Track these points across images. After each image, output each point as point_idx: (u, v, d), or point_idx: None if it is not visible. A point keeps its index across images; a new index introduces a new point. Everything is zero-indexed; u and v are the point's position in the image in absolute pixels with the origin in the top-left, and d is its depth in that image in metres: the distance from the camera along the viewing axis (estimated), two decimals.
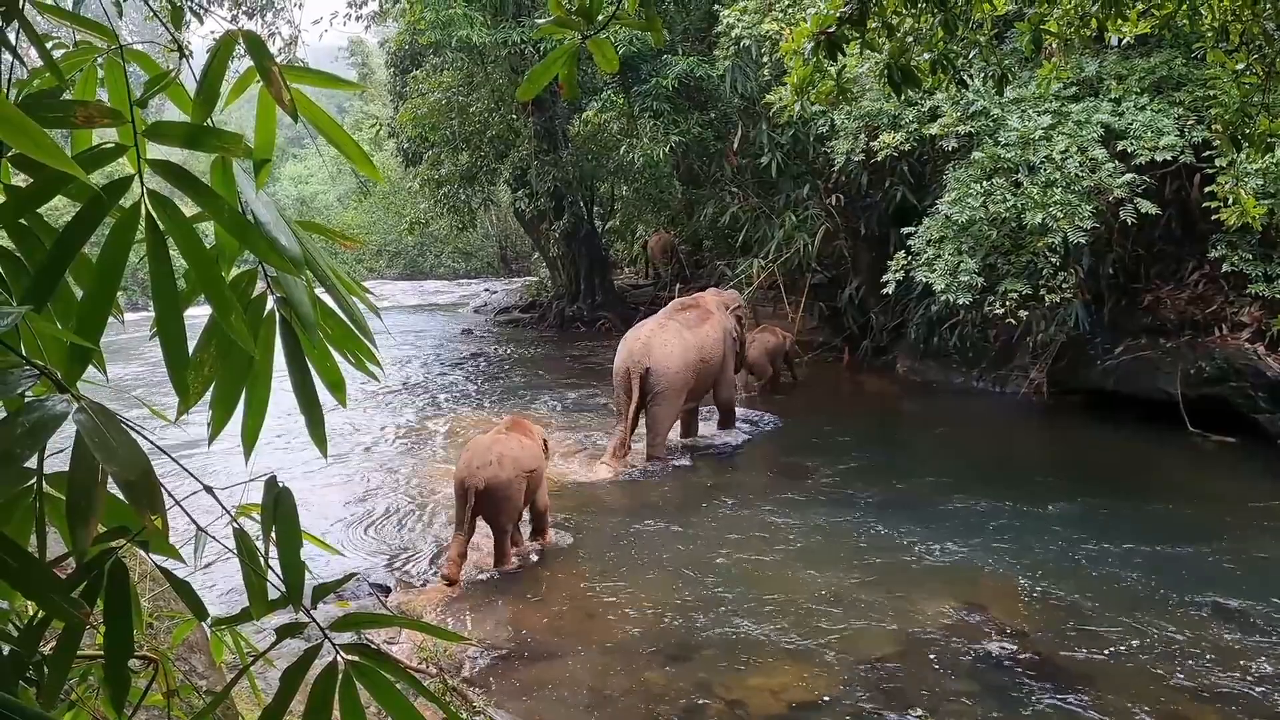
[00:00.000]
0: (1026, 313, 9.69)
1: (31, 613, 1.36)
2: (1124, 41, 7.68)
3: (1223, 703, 4.75)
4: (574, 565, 6.65)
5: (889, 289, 10.32)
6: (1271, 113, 4.93)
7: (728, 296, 10.80)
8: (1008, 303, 9.45)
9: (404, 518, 7.66)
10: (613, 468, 8.89)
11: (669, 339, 9.19)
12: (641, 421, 9.22)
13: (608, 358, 15.45)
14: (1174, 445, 9.38)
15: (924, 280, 9.76)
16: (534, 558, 6.85)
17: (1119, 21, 4.75)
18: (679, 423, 9.76)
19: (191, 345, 1.29)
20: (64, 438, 1.05)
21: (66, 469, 1.04)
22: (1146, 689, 4.86)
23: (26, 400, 1.04)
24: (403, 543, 7.15)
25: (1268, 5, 4.48)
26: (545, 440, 7.15)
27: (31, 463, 1.11)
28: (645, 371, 8.96)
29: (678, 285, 17.99)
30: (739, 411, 10.51)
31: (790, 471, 8.87)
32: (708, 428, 10.39)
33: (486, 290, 26.45)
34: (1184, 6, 4.61)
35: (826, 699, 4.84)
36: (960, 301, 9.42)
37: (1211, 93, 8.55)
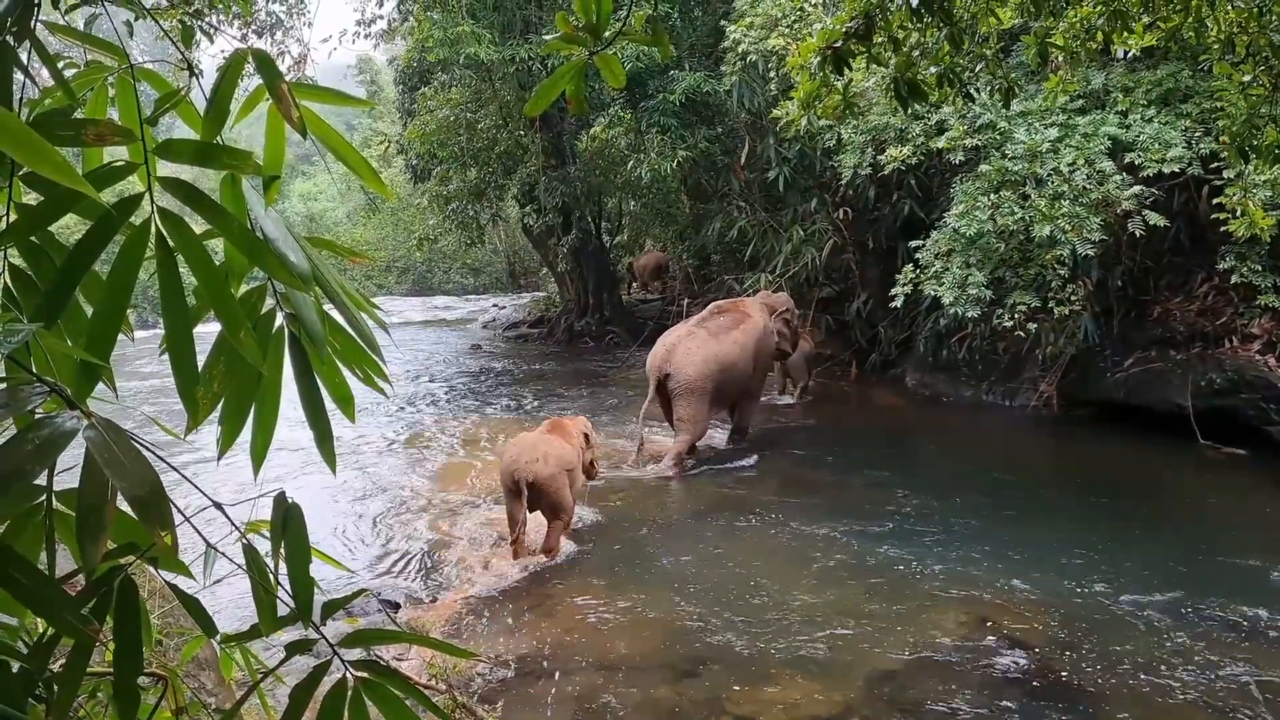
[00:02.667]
0: (1035, 325, 9.67)
1: (41, 629, 1.36)
2: (1130, 54, 7.72)
3: None
4: (583, 580, 6.63)
5: (897, 302, 10.32)
6: (1279, 124, 4.93)
7: (776, 300, 10.87)
8: (1016, 315, 9.44)
9: (414, 533, 7.65)
10: (673, 470, 9.28)
11: (692, 346, 9.40)
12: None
13: (615, 372, 15.54)
14: (1185, 457, 9.34)
15: (932, 293, 9.75)
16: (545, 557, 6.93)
17: (1125, 34, 4.77)
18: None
19: (201, 361, 1.30)
20: (74, 454, 1.05)
21: (76, 485, 1.05)
22: (1159, 704, 4.82)
23: (37, 417, 1.05)
24: (412, 558, 7.14)
25: (1274, 17, 4.48)
26: (586, 434, 7.57)
27: (42, 479, 1.12)
28: (665, 377, 9.25)
29: (685, 300, 18.04)
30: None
31: (799, 484, 8.84)
32: (716, 439, 10.40)
33: (495, 306, 26.55)
34: (1190, 19, 4.62)
35: (838, 714, 4.81)
36: (969, 314, 9.40)
37: (1219, 104, 8.53)
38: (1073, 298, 9.32)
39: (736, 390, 9.86)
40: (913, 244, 10.41)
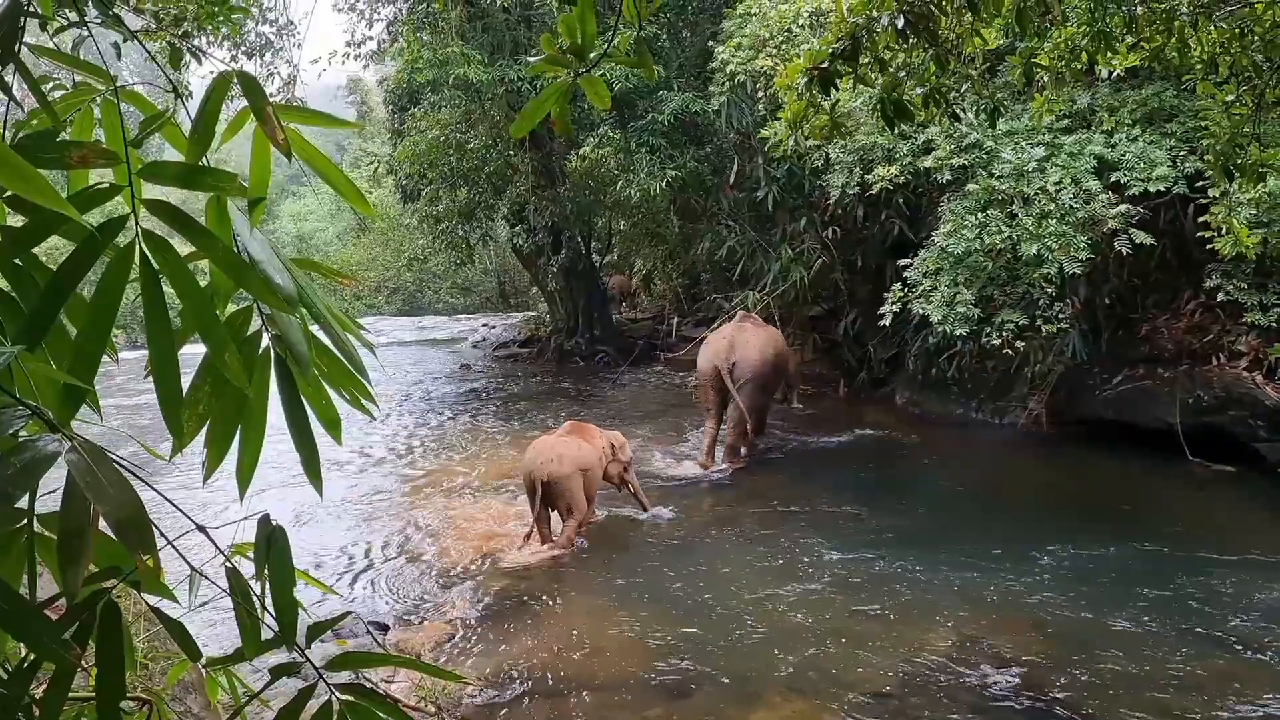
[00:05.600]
0: (1024, 343, 9.69)
1: (22, 654, 1.35)
2: (1115, 74, 7.76)
3: None
4: (573, 600, 6.61)
5: (886, 320, 10.33)
6: (1262, 143, 4.98)
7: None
8: (1005, 333, 9.45)
9: (401, 554, 7.61)
10: (704, 466, 10.13)
11: (749, 338, 10.27)
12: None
13: (605, 391, 15.53)
14: (1174, 474, 9.36)
15: (921, 312, 9.77)
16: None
17: (1109, 54, 4.81)
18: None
19: (187, 382, 1.29)
20: (57, 476, 1.05)
21: (59, 508, 1.04)
22: None
23: (19, 440, 1.04)
24: (401, 579, 7.10)
25: (1255, 38, 4.53)
26: (613, 444, 8.02)
27: (24, 503, 1.11)
28: (732, 365, 10.01)
29: (675, 319, 18.08)
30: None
31: (788, 502, 8.83)
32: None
33: (485, 325, 26.51)
34: (1173, 39, 4.66)
35: None
36: (957, 333, 9.42)
37: (1203, 124, 8.59)
38: (1060, 316, 9.35)
39: (779, 381, 10.69)
40: (901, 262, 10.45)
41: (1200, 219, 8.49)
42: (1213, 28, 4.62)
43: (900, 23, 3.88)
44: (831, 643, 5.77)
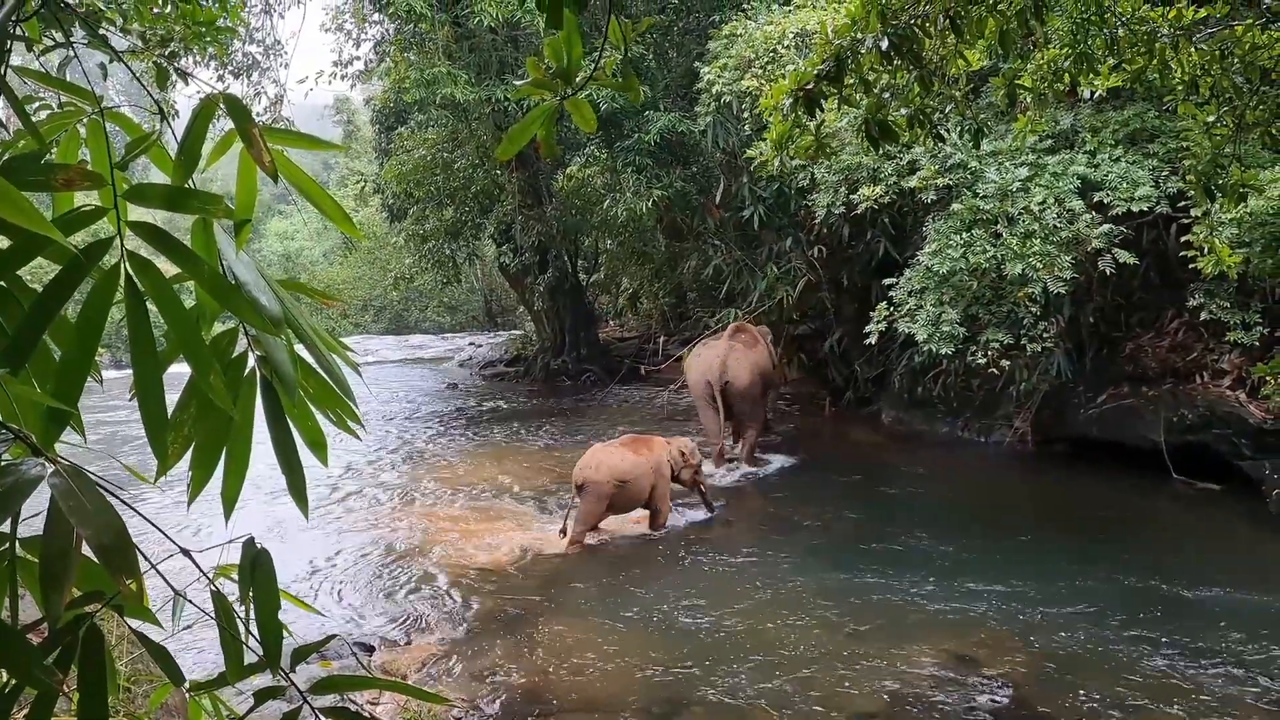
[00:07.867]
0: (1009, 362, 9.72)
1: (4, 679, 1.34)
2: (1097, 95, 7.84)
3: None
4: (560, 621, 6.57)
5: (872, 339, 10.36)
6: (1243, 163, 5.03)
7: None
8: (990, 352, 9.49)
9: (387, 571, 7.57)
10: (751, 464, 11.04)
11: (739, 357, 11.07)
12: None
13: (591, 410, 15.51)
14: (1159, 492, 9.40)
15: (906, 330, 9.80)
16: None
17: (1091, 76, 4.85)
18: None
19: (173, 402, 1.29)
20: (41, 500, 1.04)
21: (41, 532, 1.03)
22: None
23: (2, 464, 1.04)
24: (386, 597, 7.06)
25: (1235, 60, 4.58)
26: (683, 451, 8.60)
27: (6, 527, 1.10)
28: (726, 384, 10.79)
29: (661, 338, 18.12)
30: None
31: (776, 523, 8.83)
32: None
33: (472, 344, 26.45)
34: (1154, 61, 4.71)
35: None
36: (943, 352, 9.45)
37: (1184, 144, 8.69)
38: (1045, 335, 9.39)
39: (763, 395, 11.45)
40: (887, 281, 10.49)
41: (1183, 238, 8.57)
42: (1193, 49, 4.67)
43: (885, 44, 3.91)
44: (819, 661, 5.76)
